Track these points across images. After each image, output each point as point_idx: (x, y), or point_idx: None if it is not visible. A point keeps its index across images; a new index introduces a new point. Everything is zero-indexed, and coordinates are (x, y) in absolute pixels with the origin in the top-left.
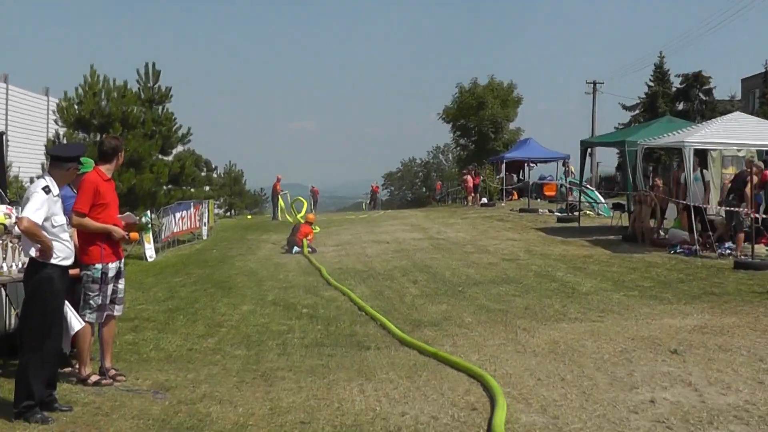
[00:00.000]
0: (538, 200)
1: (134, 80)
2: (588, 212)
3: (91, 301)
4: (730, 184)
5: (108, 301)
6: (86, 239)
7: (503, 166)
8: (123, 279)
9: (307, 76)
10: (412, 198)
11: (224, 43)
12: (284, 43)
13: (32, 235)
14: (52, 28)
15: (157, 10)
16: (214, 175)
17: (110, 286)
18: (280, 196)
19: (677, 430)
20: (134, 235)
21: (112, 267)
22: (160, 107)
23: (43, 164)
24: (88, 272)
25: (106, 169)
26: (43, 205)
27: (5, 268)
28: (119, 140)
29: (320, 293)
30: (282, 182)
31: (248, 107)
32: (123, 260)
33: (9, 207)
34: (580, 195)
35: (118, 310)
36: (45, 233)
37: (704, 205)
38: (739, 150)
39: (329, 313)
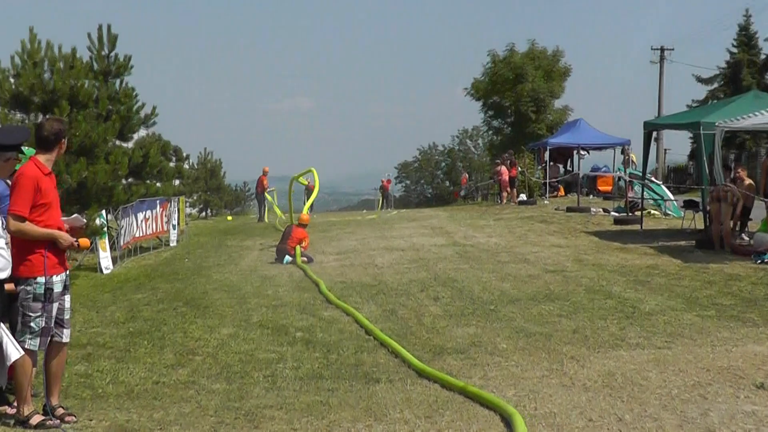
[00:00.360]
0: (590, 197)
1: (85, 47)
2: (653, 212)
3: (32, 324)
4: None
5: (53, 323)
6: (25, 248)
7: (546, 155)
8: (69, 295)
9: (301, 42)
10: (433, 194)
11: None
12: (273, 1)
13: None
14: None
15: None
16: (186, 166)
17: (56, 305)
18: (266, 193)
19: None
20: (84, 241)
21: (58, 280)
22: (118, 81)
23: None
24: (29, 288)
25: (46, 160)
26: None
27: None
28: (62, 123)
29: (318, 313)
30: (269, 176)
31: (228, 81)
32: (69, 272)
33: None
34: (643, 190)
35: (66, 335)
36: None
37: None
38: None
39: (329, 337)
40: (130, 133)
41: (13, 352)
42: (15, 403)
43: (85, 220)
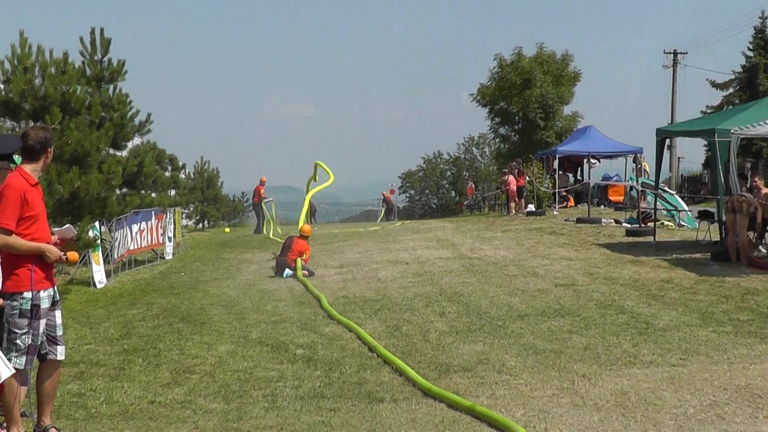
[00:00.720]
0: (602, 207)
1: (77, 51)
2: (666, 223)
3: (17, 341)
4: None
5: (39, 341)
6: (11, 262)
7: (555, 163)
8: (60, 310)
9: (302, 46)
10: (438, 204)
11: (193, 2)
12: (272, 2)
13: None
14: None
15: None
16: (182, 176)
17: (43, 321)
18: (263, 204)
19: None
20: (73, 255)
21: (45, 296)
22: (111, 87)
23: None
24: (14, 303)
25: (32, 170)
26: None
27: None
28: (48, 131)
29: (319, 329)
30: (267, 186)
31: (226, 87)
32: (57, 287)
33: None
34: (656, 200)
35: (60, 353)
36: None
37: None
38: None
39: (331, 355)
40: (124, 141)
41: (4, 370)
42: (4, 425)
43: (75, 231)
